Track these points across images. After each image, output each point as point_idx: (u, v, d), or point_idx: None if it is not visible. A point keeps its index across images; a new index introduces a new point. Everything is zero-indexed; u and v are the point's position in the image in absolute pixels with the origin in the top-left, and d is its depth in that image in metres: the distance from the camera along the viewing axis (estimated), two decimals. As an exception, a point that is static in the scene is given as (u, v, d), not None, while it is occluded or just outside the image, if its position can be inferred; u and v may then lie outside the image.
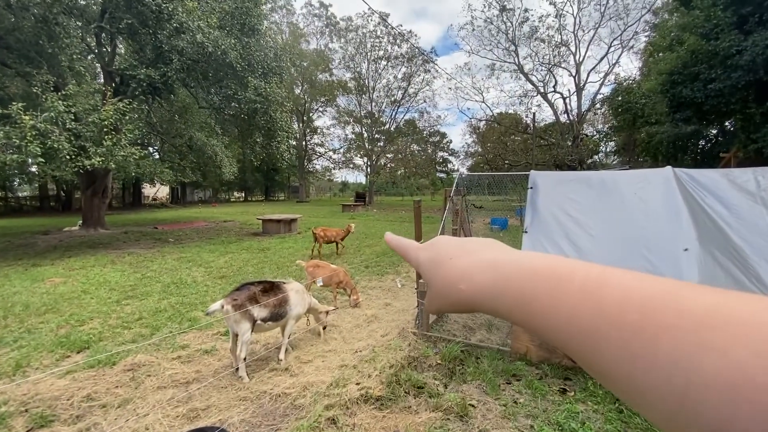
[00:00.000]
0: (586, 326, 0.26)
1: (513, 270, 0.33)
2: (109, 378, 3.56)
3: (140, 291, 6.49)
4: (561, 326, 0.28)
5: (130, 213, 25.77)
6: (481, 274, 0.36)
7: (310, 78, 39.87)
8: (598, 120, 36.83)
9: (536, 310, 0.30)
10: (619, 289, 0.26)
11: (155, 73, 10.60)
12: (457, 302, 0.38)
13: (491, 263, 0.36)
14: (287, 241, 12.41)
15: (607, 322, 0.25)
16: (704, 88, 10.00)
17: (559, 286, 0.29)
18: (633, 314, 0.24)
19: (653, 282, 0.25)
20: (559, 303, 0.28)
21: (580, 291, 0.27)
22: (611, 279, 0.27)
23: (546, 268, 0.31)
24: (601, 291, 0.26)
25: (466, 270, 0.37)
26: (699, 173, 3.97)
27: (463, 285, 0.37)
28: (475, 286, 0.36)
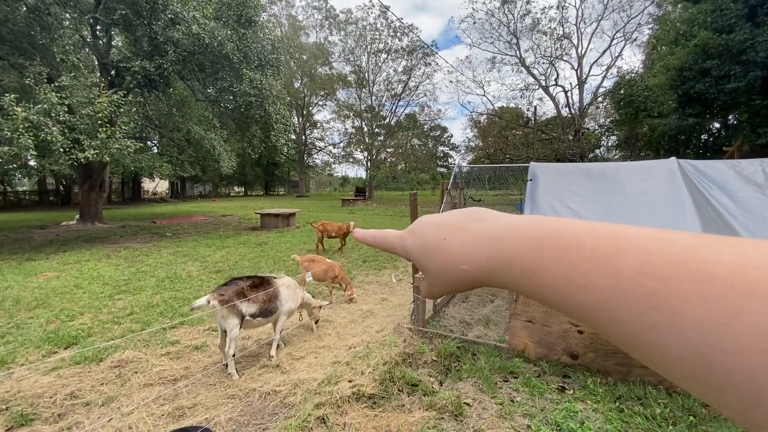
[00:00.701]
0: (601, 297, 0.24)
1: (514, 241, 0.31)
2: (95, 375, 3.46)
3: (134, 286, 6.40)
4: (574, 298, 0.26)
5: (129, 207, 25.70)
6: (481, 251, 0.34)
7: (310, 71, 39.56)
8: (600, 114, 36.55)
9: (545, 282, 0.28)
10: (635, 253, 0.24)
11: (150, 65, 10.43)
12: (461, 282, 0.36)
13: (489, 237, 0.34)
14: (285, 236, 12.31)
15: (624, 292, 0.23)
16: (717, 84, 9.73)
17: (567, 254, 0.27)
18: (652, 282, 0.22)
19: (670, 242, 0.23)
20: (571, 273, 0.26)
21: (592, 259, 0.25)
22: (624, 243, 0.25)
23: (550, 235, 0.29)
24: (615, 258, 0.24)
25: (464, 249, 0.35)
26: (704, 164, 3.83)
27: (465, 265, 0.35)
28: (477, 264, 0.34)
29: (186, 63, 11.12)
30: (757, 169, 3.61)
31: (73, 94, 9.14)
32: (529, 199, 4.24)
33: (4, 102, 7.67)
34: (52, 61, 9.61)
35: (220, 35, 10.38)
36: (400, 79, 39.98)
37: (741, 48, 8.88)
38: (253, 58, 11.45)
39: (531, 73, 33.89)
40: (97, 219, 14.29)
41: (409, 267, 7.79)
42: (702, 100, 10.49)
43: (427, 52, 38.04)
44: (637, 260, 0.24)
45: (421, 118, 43.58)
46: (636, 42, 30.60)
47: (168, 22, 9.90)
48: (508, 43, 33.79)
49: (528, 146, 33.28)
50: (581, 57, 32.00)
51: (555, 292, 0.27)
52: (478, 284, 0.35)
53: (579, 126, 31.77)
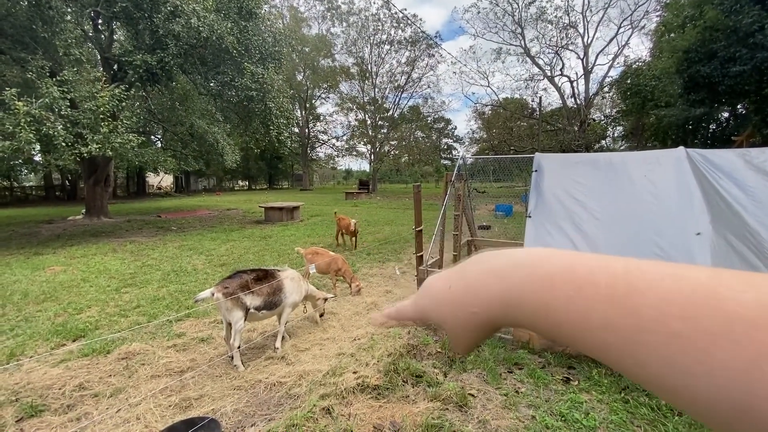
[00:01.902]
0: (623, 338, 0.23)
1: (523, 278, 0.30)
2: (103, 367, 3.50)
3: (140, 279, 6.45)
4: (594, 338, 0.25)
5: (134, 202, 25.85)
6: (487, 289, 0.32)
7: (312, 64, 39.29)
8: (606, 104, 36.09)
9: (561, 321, 0.27)
10: (652, 291, 0.23)
11: (152, 59, 10.39)
12: (476, 328, 0.34)
13: (495, 275, 0.32)
14: (289, 229, 12.34)
15: (647, 333, 0.22)
16: (722, 67, 9.52)
17: (582, 292, 0.26)
18: (675, 322, 0.22)
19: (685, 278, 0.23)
20: (588, 313, 0.25)
21: (609, 297, 0.25)
22: (639, 280, 0.24)
23: (561, 271, 0.28)
24: (633, 297, 0.24)
25: (469, 290, 0.34)
26: (713, 153, 3.77)
27: (475, 308, 0.33)
28: (485, 304, 0.32)
29: (187, 56, 11.06)
30: (767, 158, 3.54)
31: (76, 89, 9.13)
32: (534, 190, 4.20)
33: (6, 96, 7.68)
34: (54, 56, 9.61)
35: (220, 28, 10.30)
36: (404, 70, 39.65)
37: (748, 30, 8.67)
38: (255, 51, 11.37)
39: (536, 63, 33.45)
40: (102, 213, 14.39)
41: (413, 260, 7.79)
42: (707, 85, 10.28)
43: (431, 43, 37.64)
44: (656, 299, 0.23)
45: (424, 110, 43.28)
46: (643, 30, 30.03)
47: (168, 15, 9.84)
48: (512, 33, 33.30)
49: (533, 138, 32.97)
50: (587, 46, 31.51)
51: (572, 331, 0.27)
52: (491, 327, 0.34)
53: (584, 117, 31.40)
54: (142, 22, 10.35)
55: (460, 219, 5.54)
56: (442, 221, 4.59)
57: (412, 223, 13.23)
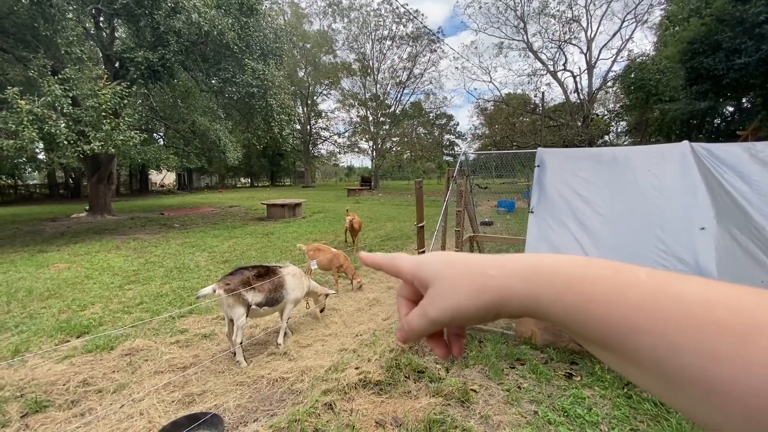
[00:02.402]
0: (659, 319, 0.23)
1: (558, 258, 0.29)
2: (107, 363, 3.52)
3: (143, 276, 6.48)
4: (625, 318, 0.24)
5: (137, 199, 25.96)
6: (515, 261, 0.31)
7: (314, 60, 39.20)
8: (610, 99, 35.80)
9: (596, 296, 0.26)
10: (697, 282, 0.23)
11: (154, 56, 10.38)
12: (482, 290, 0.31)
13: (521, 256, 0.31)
14: (291, 226, 12.35)
15: (688, 318, 0.22)
16: (726, 59, 9.38)
17: (620, 274, 0.26)
18: (720, 310, 0.21)
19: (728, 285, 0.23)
20: (626, 291, 0.25)
21: (650, 282, 0.24)
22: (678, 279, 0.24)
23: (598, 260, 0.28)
24: (675, 283, 0.24)
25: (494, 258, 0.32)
26: (718, 147, 3.72)
27: (494, 270, 0.31)
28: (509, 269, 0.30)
29: (188, 53, 11.05)
30: (773, 151, 3.50)
31: (78, 87, 9.15)
32: (536, 185, 4.17)
33: (8, 95, 7.70)
34: (56, 54, 9.62)
35: (221, 24, 10.27)
36: (405, 66, 39.52)
37: (755, 21, 8.52)
38: (255, 47, 11.34)
39: (539, 58, 33.21)
40: (106, 211, 14.46)
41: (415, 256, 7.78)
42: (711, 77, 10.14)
43: (433, 39, 37.45)
44: (700, 289, 0.23)
45: (426, 106, 43.16)
46: (647, 24, 29.73)
47: (169, 11, 9.82)
48: (515, 28, 33.07)
49: (535, 133, 32.81)
50: (590, 40, 31.24)
51: (605, 307, 0.25)
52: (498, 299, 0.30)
53: (588, 112, 31.19)
54: (143, 18, 10.33)
55: (461, 215, 5.52)
56: (443, 217, 4.57)
57: (414, 219, 13.21)
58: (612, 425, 2.60)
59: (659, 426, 2.56)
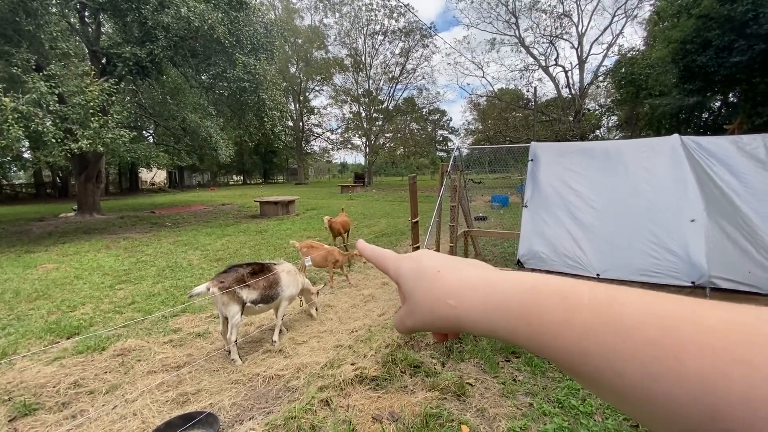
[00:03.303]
0: (601, 344, 0.24)
1: (511, 287, 0.31)
2: (98, 364, 3.47)
3: (134, 275, 6.40)
4: (572, 345, 0.26)
5: (127, 198, 25.61)
6: (474, 291, 0.33)
7: (305, 56, 38.86)
8: (601, 94, 36.06)
9: (543, 328, 0.28)
10: (634, 305, 0.25)
11: (142, 52, 10.20)
12: (443, 318, 0.34)
13: (484, 279, 0.34)
14: (285, 223, 12.28)
15: (625, 339, 0.23)
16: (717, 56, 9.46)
17: (566, 301, 0.27)
18: (653, 331, 0.23)
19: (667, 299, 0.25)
20: (570, 319, 0.26)
21: (591, 306, 0.26)
22: (621, 296, 0.26)
23: (549, 283, 0.30)
24: (613, 307, 0.25)
25: (457, 285, 0.35)
26: (707, 141, 3.77)
27: (453, 300, 0.34)
28: (467, 303, 0.33)
29: (178, 48, 10.87)
30: (759, 144, 3.55)
31: (64, 83, 8.96)
32: (530, 179, 4.19)
33: (-8, 92, 7.52)
34: (40, 49, 9.39)
35: (211, 18, 10.11)
36: (398, 61, 39.34)
37: (743, 19, 8.61)
38: (246, 42, 11.18)
39: (530, 53, 33.31)
40: (95, 210, 14.24)
41: (410, 252, 7.79)
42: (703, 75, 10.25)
43: (425, 34, 37.33)
44: (637, 311, 0.24)
45: (419, 102, 43.07)
46: (637, 19, 29.94)
47: (157, 6, 9.64)
48: (506, 23, 33.10)
49: (528, 128, 32.98)
50: (582, 35, 31.39)
51: (553, 337, 0.27)
52: (458, 325, 0.34)
53: (579, 106, 31.40)
54: (130, 13, 10.15)
55: (456, 210, 5.53)
56: (438, 212, 4.57)
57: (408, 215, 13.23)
58: (606, 415, 2.63)
59: (652, 415, 2.59)
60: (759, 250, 3.01)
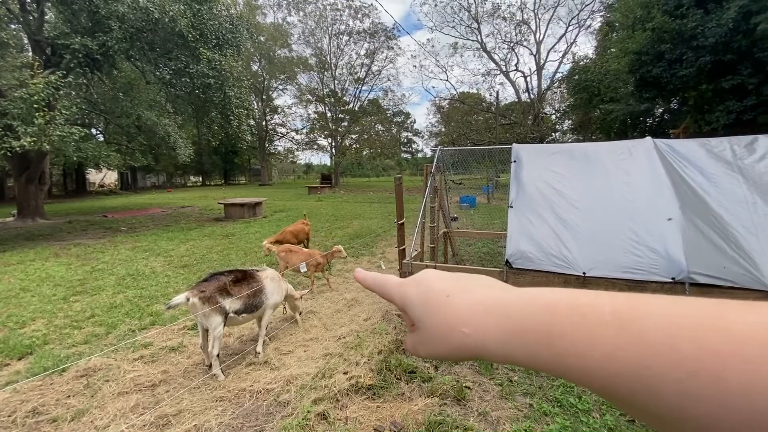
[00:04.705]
0: (631, 364, 0.23)
1: (526, 308, 0.29)
2: (59, 387, 3.11)
3: (91, 285, 5.86)
4: (600, 367, 0.24)
5: (74, 201, 23.65)
6: (488, 316, 0.31)
7: (268, 54, 37.82)
8: (557, 99, 37.94)
9: (566, 350, 0.26)
10: (658, 317, 0.23)
11: (93, 43, 9.39)
12: (460, 348, 0.32)
13: (497, 301, 0.31)
14: (253, 226, 11.82)
15: (656, 357, 0.22)
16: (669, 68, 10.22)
17: (586, 318, 0.26)
18: (685, 345, 0.21)
19: (690, 303, 0.23)
20: (593, 338, 0.25)
21: (615, 323, 0.24)
22: (644, 306, 0.24)
23: (564, 299, 0.28)
24: (638, 321, 0.23)
25: (468, 310, 0.32)
26: (678, 143, 3.99)
27: (467, 329, 0.32)
28: (482, 330, 0.31)
29: (134, 41, 10.13)
30: (725, 147, 3.80)
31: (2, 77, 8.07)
32: (514, 180, 4.24)
33: None
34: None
35: (173, 10, 9.52)
36: (363, 62, 39.24)
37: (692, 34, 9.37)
38: (211, 36, 10.62)
39: (492, 58, 34.44)
40: (38, 214, 12.99)
41: (389, 254, 7.72)
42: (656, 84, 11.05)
43: (390, 35, 37.52)
44: (663, 323, 0.22)
45: (384, 104, 43.18)
46: (589, 29, 31.82)
47: (110, -6, 8.93)
48: (469, 28, 34.01)
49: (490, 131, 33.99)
50: (539, 43, 32.91)
51: (578, 360, 0.25)
52: (474, 353, 0.32)
53: (538, 111, 32.84)
54: (78, 1, 9.31)
55: (437, 211, 5.53)
56: (423, 214, 4.53)
57: (379, 217, 13.17)
58: (603, 411, 2.68)
59: (645, 409, 2.68)
60: (731, 247, 3.21)
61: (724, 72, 9.47)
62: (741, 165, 3.64)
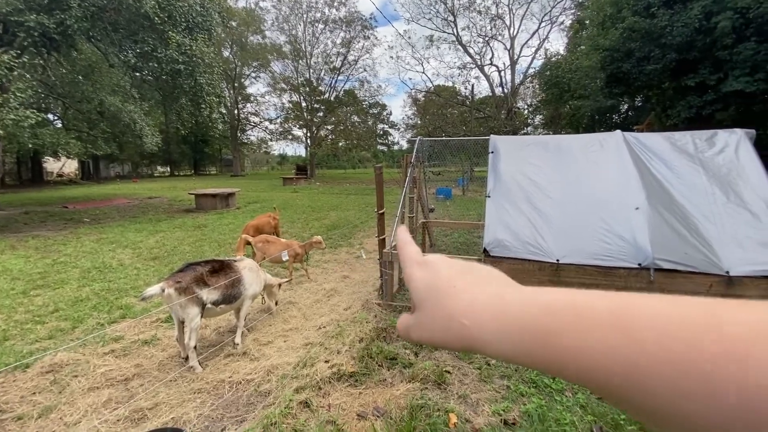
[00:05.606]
0: (625, 363, 0.23)
1: (525, 307, 0.30)
2: (23, 384, 2.95)
3: (53, 279, 5.55)
4: (595, 365, 0.25)
5: (30, 191, 22.19)
6: (488, 311, 0.32)
7: (240, 40, 36.55)
8: (529, 94, 38.77)
9: (563, 348, 0.26)
10: (652, 316, 0.24)
11: (50, 21, 8.76)
12: (456, 338, 0.33)
13: (499, 298, 0.32)
14: (226, 217, 11.51)
15: (649, 357, 0.22)
16: (638, 65, 10.65)
17: (582, 318, 0.26)
18: (677, 345, 0.22)
19: (684, 303, 0.24)
20: (589, 337, 0.25)
21: (609, 322, 0.25)
22: (638, 307, 0.25)
23: (561, 298, 0.29)
24: (632, 320, 0.24)
25: (471, 303, 0.33)
26: (645, 137, 4.19)
27: (467, 320, 0.32)
28: (480, 323, 0.32)
29: (95, 20, 9.53)
30: (688, 140, 4.03)
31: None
32: (491, 171, 4.33)
33: None
34: None
35: (137, -11, 9.01)
36: (339, 51, 38.59)
37: (660, 33, 9.80)
38: (180, 19, 10.13)
39: (467, 51, 34.67)
40: (-11, 205, 12.11)
41: (368, 245, 7.73)
42: (625, 80, 11.50)
43: (366, 25, 37.04)
44: (656, 323, 0.23)
45: (360, 95, 42.71)
46: (561, 26, 32.59)
47: (69, -31, 8.34)
48: (445, 21, 34.05)
49: (465, 124, 34.40)
50: (513, 38, 33.40)
51: (574, 359, 0.26)
52: (472, 346, 0.32)
53: (511, 105, 33.47)
54: (32, -25, 8.64)
55: (415, 201, 5.58)
56: (403, 204, 4.55)
57: (356, 208, 13.14)
58: (575, 390, 2.82)
59: (613, 387, 2.84)
60: (692, 234, 3.42)
61: (687, 70, 10.01)
62: (702, 158, 3.87)
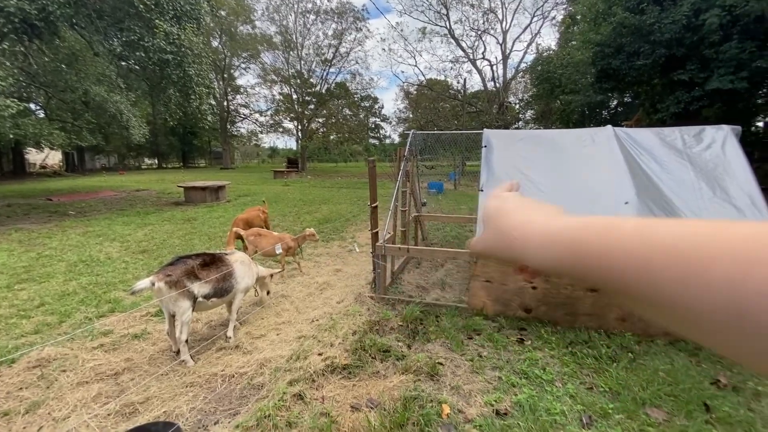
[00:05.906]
0: (641, 259, 0.28)
1: (564, 226, 0.37)
2: (8, 379, 2.89)
3: (38, 272, 5.44)
4: (616, 263, 0.30)
5: (12, 183, 21.62)
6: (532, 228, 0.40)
7: (230, 30, 35.88)
8: (520, 89, 38.91)
9: (588, 255, 0.33)
10: (669, 227, 0.28)
11: (31, 7, 8.46)
12: (507, 247, 0.43)
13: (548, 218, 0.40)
14: (216, 210, 11.38)
15: (660, 254, 0.27)
16: (628, 60, 10.75)
17: (609, 230, 0.32)
18: (685, 245, 0.26)
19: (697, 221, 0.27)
20: (614, 242, 0.31)
21: (633, 231, 0.30)
22: (659, 223, 0.29)
23: (595, 220, 0.34)
24: (651, 229, 0.29)
25: (523, 222, 0.42)
26: (635, 132, 4.24)
27: (517, 233, 0.42)
28: (527, 237, 0.40)
29: (79, 6, 9.23)
30: (676, 136, 4.09)
31: None
32: (484, 165, 4.35)
33: None
34: None
35: (123, -25, 8.75)
36: (331, 43, 38.16)
37: (650, 29, 9.90)
38: (168, 7, 9.86)
39: (459, 45, 34.57)
40: (-31, 197, 11.76)
41: (361, 238, 7.71)
42: (615, 76, 11.62)
43: (358, 17, 36.66)
44: (671, 230, 0.28)
45: (352, 87, 42.37)
46: (553, 21, 32.66)
47: (50, -47, 8.06)
48: (438, 14, 33.87)
49: (457, 118, 34.45)
50: (505, 32, 33.40)
51: (597, 261, 0.32)
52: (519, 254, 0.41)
53: (503, 99, 33.57)
54: (12, -42, 8.31)
55: (408, 195, 5.57)
56: (396, 197, 4.55)
57: (348, 202, 13.10)
58: (565, 381, 2.87)
59: (602, 377, 2.90)
60: (679, 228, 3.49)
61: (676, 67, 10.14)
62: (690, 153, 3.93)
